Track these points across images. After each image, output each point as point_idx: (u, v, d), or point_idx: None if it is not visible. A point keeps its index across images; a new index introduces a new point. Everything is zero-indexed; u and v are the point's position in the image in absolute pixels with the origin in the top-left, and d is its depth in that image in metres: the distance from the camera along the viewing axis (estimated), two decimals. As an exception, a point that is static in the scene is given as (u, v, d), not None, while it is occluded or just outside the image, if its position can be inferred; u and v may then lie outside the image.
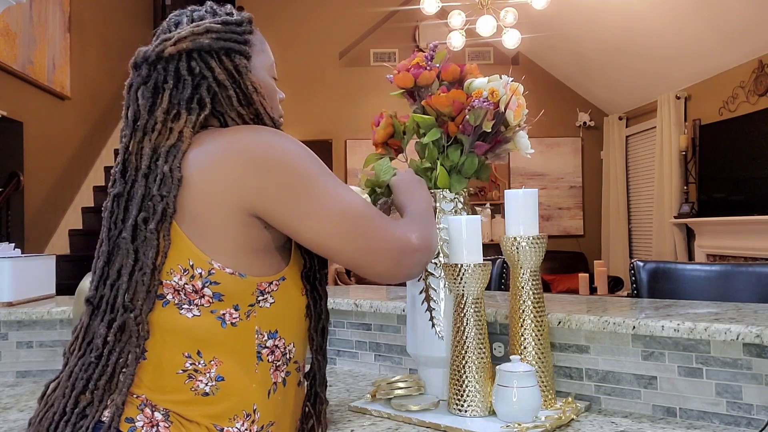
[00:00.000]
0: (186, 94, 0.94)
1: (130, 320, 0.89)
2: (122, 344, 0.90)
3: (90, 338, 0.93)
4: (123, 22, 6.35)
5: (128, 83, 0.98)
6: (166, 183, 0.90)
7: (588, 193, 7.43)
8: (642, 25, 5.39)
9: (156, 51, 0.96)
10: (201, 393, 0.91)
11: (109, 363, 0.90)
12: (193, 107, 0.95)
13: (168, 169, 0.90)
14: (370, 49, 7.41)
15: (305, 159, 0.93)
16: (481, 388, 1.21)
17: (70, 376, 0.93)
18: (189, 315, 0.91)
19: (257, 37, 1.05)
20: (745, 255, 4.88)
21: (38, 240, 4.77)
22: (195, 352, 0.91)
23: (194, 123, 0.94)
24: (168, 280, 0.91)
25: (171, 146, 0.92)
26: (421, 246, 0.97)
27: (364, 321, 1.70)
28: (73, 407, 0.90)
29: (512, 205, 1.29)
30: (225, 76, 0.96)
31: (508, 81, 1.32)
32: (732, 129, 5.08)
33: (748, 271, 1.82)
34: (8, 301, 1.76)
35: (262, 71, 1.05)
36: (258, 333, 0.95)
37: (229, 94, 0.96)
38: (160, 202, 0.89)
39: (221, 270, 0.90)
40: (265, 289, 0.94)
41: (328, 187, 0.93)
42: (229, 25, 1.00)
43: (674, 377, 1.21)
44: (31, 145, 4.58)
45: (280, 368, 0.98)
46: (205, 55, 0.96)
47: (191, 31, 0.96)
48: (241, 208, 0.90)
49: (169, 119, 0.94)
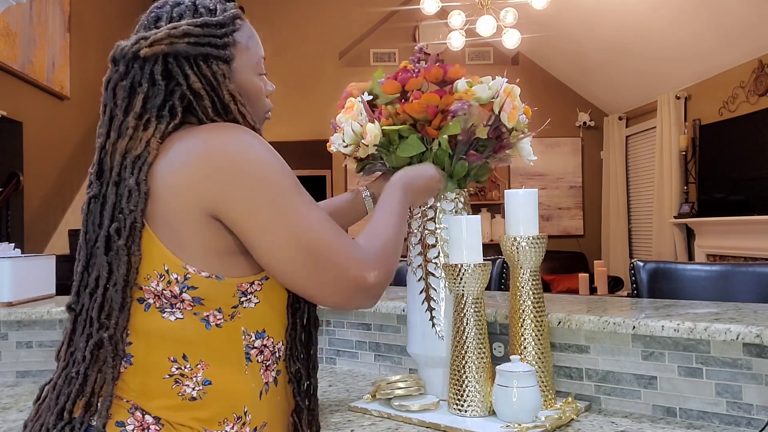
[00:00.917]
0: (158, 100, 0.92)
1: (105, 339, 0.89)
2: (100, 364, 0.90)
3: (73, 349, 0.92)
4: (123, 22, 6.34)
5: (106, 78, 0.96)
6: (133, 197, 0.88)
7: (588, 193, 7.43)
8: (642, 25, 5.39)
9: (132, 49, 0.93)
10: (188, 398, 0.90)
11: (88, 382, 0.89)
12: (163, 115, 0.92)
13: (134, 182, 0.88)
14: (370, 49, 7.41)
15: (274, 168, 0.89)
16: (481, 388, 1.21)
17: (54, 387, 0.93)
18: (172, 318, 0.90)
19: (244, 32, 1.01)
20: (745, 255, 4.88)
21: (38, 240, 4.77)
22: (180, 356, 0.90)
23: (162, 132, 0.92)
24: (146, 286, 0.90)
25: (137, 156, 0.90)
26: (378, 282, 0.92)
27: (364, 321, 1.69)
28: (56, 422, 0.90)
29: (512, 205, 1.29)
30: (201, 85, 0.93)
31: (503, 82, 1.30)
32: (732, 129, 5.08)
33: (748, 271, 1.82)
34: (8, 301, 1.76)
35: (247, 71, 1.01)
36: (245, 334, 0.93)
37: (205, 104, 0.94)
38: (128, 215, 0.88)
39: (197, 274, 0.88)
40: (247, 290, 0.93)
41: (292, 206, 0.89)
42: (209, 27, 0.95)
43: (674, 377, 1.21)
44: (30, 145, 4.58)
45: (270, 368, 0.97)
46: (182, 61, 0.93)
47: (168, 33, 0.92)
48: (202, 209, 0.88)
49: (141, 125, 0.92)
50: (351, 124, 1.30)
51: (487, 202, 7.14)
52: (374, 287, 0.92)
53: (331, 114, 1.44)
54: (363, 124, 1.28)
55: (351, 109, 1.31)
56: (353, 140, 1.30)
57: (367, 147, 1.27)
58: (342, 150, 1.33)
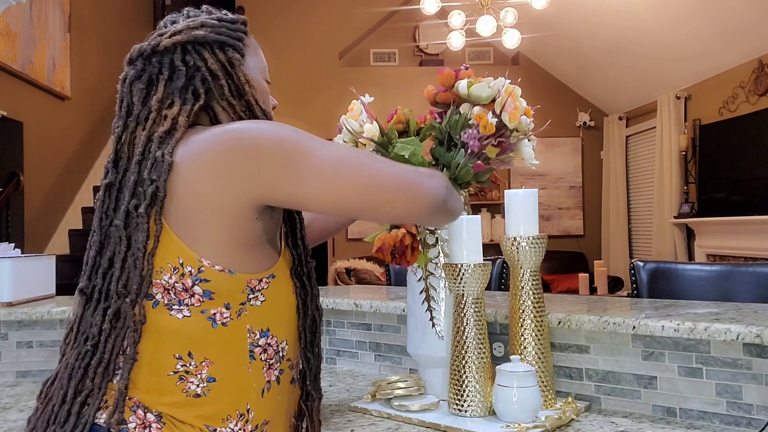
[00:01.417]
0: (180, 83, 0.95)
1: (125, 305, 0.89)
2: (118, 331, 0.90)
3: (85, 329, 0.93)
4: (123, 22, 6.35)
5: (122, 77, 0.99)
6: (157, 167, 0.90)
7: (588, 193, 7.43)
8: (642, 25, 5.39)
9: (151, 45, 0.97)
10: (192, 394, 0.91)
11: (106, 350, 0.90)
12: (187, 97, 0.95)
13: (160, 154, 0.90)
14: (370, 49, 7.41)
15: (288, 131, 0.92)
16: (481, 388, 1.21)
17: (66, 368, 0.93)
18: (179, 316, 0.91)
19: (251, 41, 1.07)
20: (745, 255, 4.88)
21: (38, 240, 4.77)
22: (186, 353, 0.91)
23: (189, 112, 0.94)
24: (158, 279, 0.91)
25: (165, 132, 0.92)
26: (432, 184, 0.90)
27: (364, 321, 1.70)
28: (73, 396, 0.90)
29: (512, 205, 1.29)
30: (218, 67, 0.97)
31: (505, 83, 1.30)
32: (732, 129, 5.08)
33: (748, 271, 1.82)
34: (8, 301, 1.76)
35: (255, 72, 1.05)
36: (250, 332, 0.95)
37: (221, 83, 0.97)
38: (150, 185, 0.89)
39: (211, 267, 0.90)
40: (255, 287, 0.94)
41: (316, 147, 0.90)
42: (224, 21, 1.02)
43: (674, 377, 1.21)
44: (31, 145, 4.58)
45: (274, 366, 0.98)
46: (199, 47, 0.97)
47: (186, 24, 0.98)
48: (242, 201, 0.90)
49: (164, 107, 0.95)
50: (349, 122, 1.31)
51: (487, 202, 7.14)
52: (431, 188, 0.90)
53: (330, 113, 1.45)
54: (362, 124, 1.30)
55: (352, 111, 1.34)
56: (351, 140, 1.32)
57: (364, 146, 1.29)
58: None
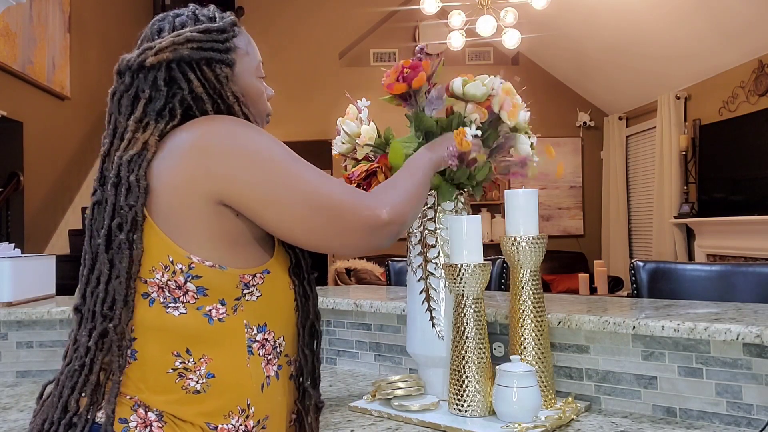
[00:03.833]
0: (158, 104, 0.95)
1: (110, 329, 0.90)
2: (104, 353, 0.91)
3: (76, 346, 0.94)
4: (123, 22, 6.35)
5: (112, 90, 1.00)
6: (132, 192, 0.91)
7: (588, 193, 7.43)
8: (642, 25, 5.39)
9: (138, 60, 0.96)
10: (192, 391, 0.91)
11: (93, 371, 0.91)
12: (163, 115, 0.95)
13: (134, 179, 0.91)
14: (370, 49, 7.41)
15: (268, 145, 0.93)
16: (481, 388, 1.21)
17: (58, 385, 0.94)
18: (176, 313, 0.92)
19: (242, 38, 1.05)
20: (745, 255, 4.88)
21: (38, 240, 4.77)
22: (184, 350, 0.92)
23: (161, 131, 0.95)
24: (151, 278, 0.92)
25: (134, 155, 0.93)
26: (392, 219, 0.96)
27: (364, 321, 1.70)
28: (60, 416, 0.91)
29: (512, 205, 1.29)
30: (203, 89, 0.96)
31: (500, 81, 1.30)
32: (732, 129, 5.08)
33: (748, 271, 1.82)
34: (8, 301, 1.76)
35: (248, 75, 1.05)
36: (247, 327, 0.95)
37: (206, 107, 0.97)
38: (129, 211, 0.90)
39: (201, 263, 0.90)
40: (249, 282, 0.95)
41: (291, 171, 0.93)
42: (211, 33, 0.99)
43: (674, 377, 1.21)
44: (30, 145, 4.58)
45: (272, 362, 0.98)
46: (185, 66, 0.96)
47: (172, 41, 0.96)
48: (209, 197, 0.90)
49: (140, 128, 0.95)
50: (346, 124, 1.32)
51: (487, 202, 7.14)
52: (388, 224, 0.95)
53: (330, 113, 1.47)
54: (359, 126, 1.31)
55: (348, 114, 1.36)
56: (348, 141, 1.34)
57: (362, 147, 1.30)
58: (340, 150, 1.37)
